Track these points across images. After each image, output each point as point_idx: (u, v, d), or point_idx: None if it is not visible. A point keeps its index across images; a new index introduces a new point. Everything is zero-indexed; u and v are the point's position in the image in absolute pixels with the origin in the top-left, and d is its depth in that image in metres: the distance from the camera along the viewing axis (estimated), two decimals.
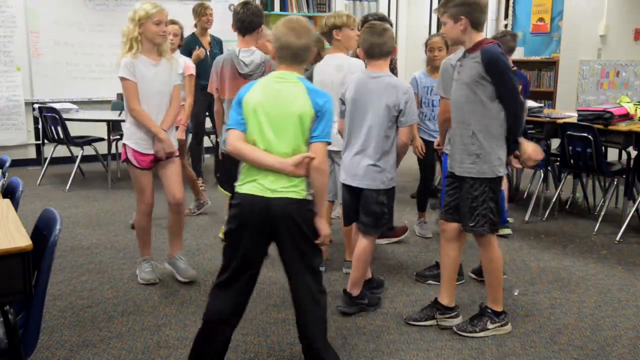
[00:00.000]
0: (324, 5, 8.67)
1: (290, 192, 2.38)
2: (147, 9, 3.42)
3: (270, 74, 2.53)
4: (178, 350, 2.93)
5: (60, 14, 7.21)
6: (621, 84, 7.47)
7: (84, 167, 6.86)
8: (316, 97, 2.39)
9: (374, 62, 3.27)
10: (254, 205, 2.39)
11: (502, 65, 2.88)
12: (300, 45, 2.41)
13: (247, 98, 2.42)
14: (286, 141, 2.39)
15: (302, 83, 2.43)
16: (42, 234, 2.23)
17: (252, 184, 2.40)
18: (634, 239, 4.71)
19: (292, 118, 2.38)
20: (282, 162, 2.36)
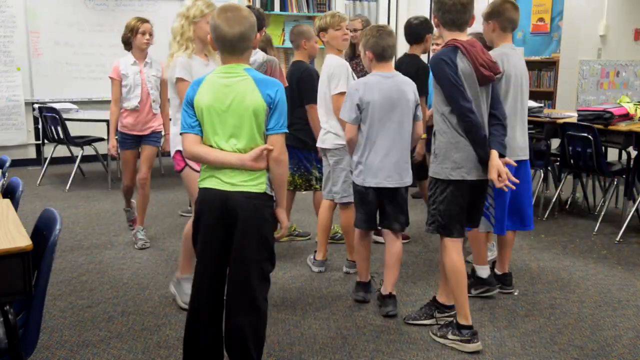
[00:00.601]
0: (323, 5, 8.66)
1: (250, 185, 2.36)
2: (201, 7, 3.22)
3: (216, 68, 2.45)
4: (178, 350, 2.93)
5: (60, 14, 7.21)
6: (621, 84, 7.47)
7: (84, 167, 6.86)
8: (266, 89, 2.34)
9: (384, 64, 3.29)
10: (213, 199, 2.38)
11: (436, 72, 2.85)
12: (234, 34, 2.31)
13: (197, 99, 2.37)
14: (242, 137, 2.36)
15: (249, 75, 2.36)
16: (42, 234, 2.23)
17: (212, 179, 2.39)
18: (634, 239, 4.70)
19: (245, 114, 2.33)
20: (241, 158, 2.34)
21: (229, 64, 2.38)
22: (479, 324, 3.23)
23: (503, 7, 3.40)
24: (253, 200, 2.36)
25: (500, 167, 2.80)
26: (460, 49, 2.82)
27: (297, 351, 2.94)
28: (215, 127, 2.36)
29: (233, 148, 2.36)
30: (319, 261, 3.96)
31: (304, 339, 3.06)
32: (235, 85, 2.34)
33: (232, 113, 2.34)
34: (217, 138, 2.37)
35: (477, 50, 2.85)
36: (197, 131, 2.39)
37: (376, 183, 3.28)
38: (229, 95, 2.34)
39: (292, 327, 3.19)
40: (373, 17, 9.39)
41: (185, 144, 2.42)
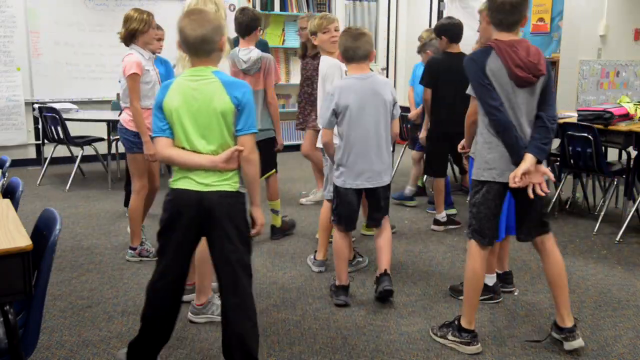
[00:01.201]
0: (323, 5, 8.66)
1: (224, 185, 2.42)
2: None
3: (185, 71, 2.48)
4: (178, 350, 2.93)
5: (60, 14, 7.21)
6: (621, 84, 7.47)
7: (84, 167, 6.86)
8: (234, 91, 2.38)
9: (356, 66, 3.35)
10: (189, 199, 2.42)
11: (467, 72, 2.87)
12: (196, 37, 2.35)
13: (166, 103, 2.40)
14: (213, 139, 2.41)
15: (217, 78, 2.40)
16: (42, 234, 2.23)
17: (185, 180, 2.44)
18: (634, 239, 4.70)
19: (214, 116, 2.38)
20: (213, 160, 2.39)
21: (196, 66, 2.42)
22: (479, 324, 3.22)
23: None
24: (227, 198, 2.42)
25: (526, 171, 2.71)
26: (495, 49, 2.78)
27: (297, 351, 2.94)
28: (186, 129, 2.40)
29: (205, 149, 2.41)
30: (319, 261, 3.96)
31: (304, 339, 3.06)
32: (202, 88, 2.38)
33: (202, 115, 2.38)
34: (188, 140, 2.41)
35: (515, 51, 2.76)
36: (168, 134, 2.43)
37: (356, 185, 3.37)
38: (197, 98, 2.38)
39: (292, 327, 3.19)
40: (373, 17, 9.39)
41: (157, 147, 2.46)
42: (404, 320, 3.28)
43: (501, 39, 2.82)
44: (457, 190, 6.00)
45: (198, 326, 3.17)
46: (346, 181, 3.37)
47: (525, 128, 2.81)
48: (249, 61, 4.20)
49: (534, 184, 2.75)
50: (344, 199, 3.41)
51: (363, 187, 3.39)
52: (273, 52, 8.14)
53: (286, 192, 6.11)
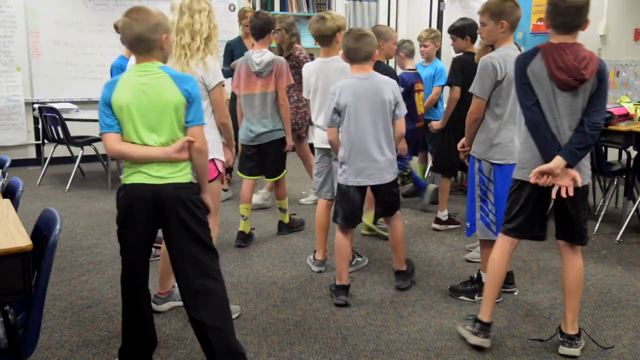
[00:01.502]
0: (323, 5, 8.66)
1: (178, 177, 2.47)
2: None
3: (132, 67, 2.55)
4: (178, 350, 2.93)
5: (60, 14, 7.21)
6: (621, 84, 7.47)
7: (84, 167, 6.86)
8: (184, 84, 2.44)
9: (358, 66, 3.43)
10: (143, 193, 2.45)
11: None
12: (133, 34, 2.41)
13: (114, 99, 2.42)
14: (163, 132, 2.45)
15: (165, 72, 2.45)
16: (42, 234, 2.23)
17: (138, 174, 2.46)
18: (634, 239, 4.70)
19: (166, 109, 2.43)
20: (166, 151, 2.44)
21: (141, 63, 2.47)
22: None
23: (502, 6, 3.33)
24: (183, 190, 2.48)
25: (548, 171, 2.72)
26: (541, 51, 2.79)
27: (297, 351, 2.94)
28: (135, 124, 2.43)
29: (155, 143, 2.45)
30: (318, 261, 3.96)
31: (304, 339, 3.06)
32: (152, 83, 2.43)
33: (152, 109, 2.42)
34: (137, 135, 2.45)
35: (561, 54, 2.74)
36: (116, 130, 2.46)
37: (358, 182, 3.42)
38: (146, 92, 2.42)
39: (292, 327, 3.19)
40: (373, 17, 9.39)
41: (107, 143, 2.47)
42: (404, 320, 3.28)
43: (554, 42, 2.80)
44: (457, 190, 6.00)
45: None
46: (348, 178, 3.43)
47: (565, 131, 2.78)
48: (261, 64, 4.29)
49: (560, 186, 2.73)
50: (346, 196, 3.45)
51: (364, 184, 3.44)
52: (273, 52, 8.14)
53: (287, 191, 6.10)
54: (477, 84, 3.31)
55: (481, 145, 3.39)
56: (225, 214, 5.36)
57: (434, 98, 5.53)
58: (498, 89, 3.28)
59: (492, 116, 3.34)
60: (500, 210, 3.37)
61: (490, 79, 3.26)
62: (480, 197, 3.43)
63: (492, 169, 3.37)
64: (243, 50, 6.26)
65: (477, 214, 3.45)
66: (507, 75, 3.25)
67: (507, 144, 3.34)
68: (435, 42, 5.58)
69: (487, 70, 3.27)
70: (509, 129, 3.33)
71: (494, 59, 3.27)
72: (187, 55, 3.06)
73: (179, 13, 3.08)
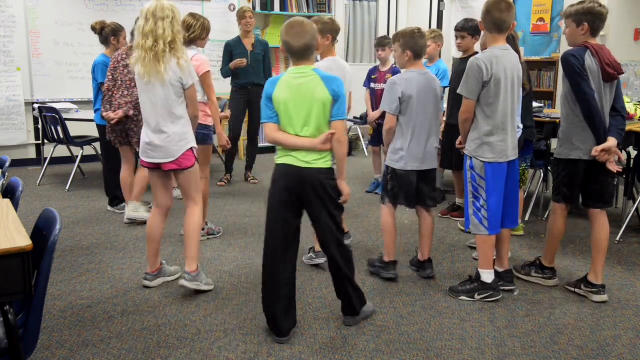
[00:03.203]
0: (324, 5, 8.67)
1: (320, 163, 2.93)
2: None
3: (289, 69, 2.97)
4: (178, 350, 2.93)
5: (60, 14, 7.21)
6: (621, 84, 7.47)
7: (84, 167, 6.86)
8: (332, 85, 2.89)
9: (418, 62, 3.74)
10: (291, 173, 2.95)
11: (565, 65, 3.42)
12: (302, 45, 2.90)
13: (275, 95, 2.92)
14: (313, 125, 2.91)
15: (316, 74, 2.91)
16: (42, 234, 2.23)
17: (289, 157, 2.95)
18: (634, 239, 4.70)
19: (316, 106, 2.88)
20: (312, 142, 2.91)
21: (298, 66, 2.95)
22: (479, 324, 3.23)
23: (489, 6, 3.36)
24: (323, 174, 2.95)
25: (615, 151, 3.36)
26: (590, 50, 3.36)
27: (297, 351, 2.94)
28: (291, 116, 2.92)
29: (305, 133, 2.92)
30: (321, 252, 3.97)
31: (304, 338, 3.06)
32: (306, 85, 2.90)
33: (305, 105, 2.89)
34: (292, 126, 2.93)
35: (604, 52, 3.38)
36: (275, 120, 2.96)
37: (417, 167, 3.71)
38: (301, 91, 2.89)
39: None
40: (373, 17, 9.40)
41: (266, 131, 2.99)
42: (404, 320, 3.28)
43: (591, 42, 3.41)
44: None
45: (198, 326, 3.17)
46: (407, 164, 3.70)
47: (607, 116, 3.42)
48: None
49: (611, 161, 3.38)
50: (405, 180, 3.73)
51: (422, 168, 3.72)
52: (273, 52, 8.16)
53: None
54: (465, 85, 3.41)
55: (472, 143, 3.46)
56: (225, 213, 5.36)
57: None
58: (486, 89, 3.34)
59: (482, 116, 3.40)
60: (492, 207, 3.42)
61: (477, 80, 3.32)
62: (472, 194, 3.49)
63: (484, 167, 3.41)
64: (242, 50, 6.30)
65: (470, 210, 3.51)
66: (494, 76, 3.30)
67: (498, 143, 3.39)
68: (437, 42, 5.58)
69: (474, 71, 3.34)
70: (501, 128, 3.37)
71: (480, 60, 3.33)
72: (150, 58, 3.33)
73: (144, 19, 3.34)
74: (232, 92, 6.41)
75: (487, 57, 3.32)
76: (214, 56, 7.87)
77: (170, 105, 3.42)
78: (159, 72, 3.33)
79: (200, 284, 3.57)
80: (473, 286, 3.54)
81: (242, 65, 6.18)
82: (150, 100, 3.44)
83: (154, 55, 3.32)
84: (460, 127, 3.56)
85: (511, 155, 3.45)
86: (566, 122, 3.48)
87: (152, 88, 3.41)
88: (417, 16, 9.33)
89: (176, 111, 3.44)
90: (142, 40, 3.33)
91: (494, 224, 3.45)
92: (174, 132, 3.44)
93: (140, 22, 3.36)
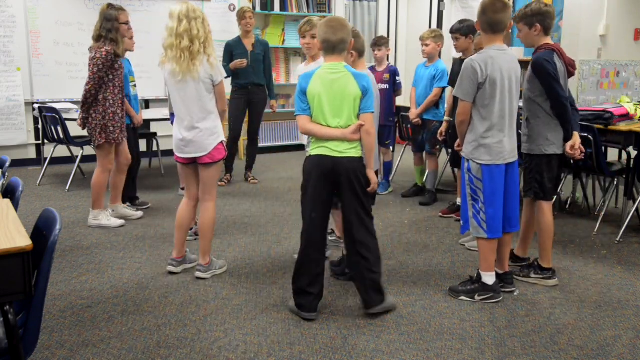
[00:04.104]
0: (324, 5, 8.66)
1: (351, 152, 3.15)
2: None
3: (323, 65, 3.16)
4: (178, 350, 2.93)
5: (60, 14, 7.21)
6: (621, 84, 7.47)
7: (84, 167, 6.86)
8: (362, 81, 3.12)
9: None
10: (325, 162, 3.15)
11: (538, 69, 3.53)
12: (338, 39, 3.11)
13: (309, 89, 3.12)
14: (343, 117, 3.12)
15: (348, 71, 3.13)
16: (42, 234, 2.23)
17: (322, 148, 3.16)
18: (634, 239, 4.71)
19: (347, 100, 3.11)
20: (343, 132, 3.12)
21: (331, 62, 3.14)
22: (479, 324, 3.23)
23: (484, 7, 3.35)
24: (354, 162, 3.15)
25: (580, 146, 3.61)
26: (556, 52, 3.54)
27: (297, 351, 2.94)
28: (324, 109, 3.12)
29: (336, 125, 3.12)
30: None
31: (304, 338, 3.06)
32: (339, 80, 3.11)
33: (337, 99, 3.11)
34: (324, 118, 3.13)
35: (563, 52, 3.59)
36: (308, 113, 3.17)
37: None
38: (334, 87, 3.11)
39: (292, 327, 3.20)
40: (373, 17, 9.40)
41: (300, 123, 3.20)
42: (404, 320, 3.28)
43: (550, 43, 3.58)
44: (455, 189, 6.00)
45: (198, 326, 3.17)
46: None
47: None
48: None
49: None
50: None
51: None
52: (273, 52, 8.16)
53: (286, 191, 6.11)
54: (460, 87, 3.38)
55: (469, 145, 3.44)
56: (225, 213, 5.36)
57: (434, 100, 5.54)
58: (482, 90, 3.32)
59: (479, 118, 3.38)
60: (490, 210, 3.39)
61: (472, 81, 3.31)
62: (471, 196, 3.47)
63: (481, 169, 3.39)
64: (242, 50, 6.30)
65: (470, 212, 3.48)
66: (489, 77, 3.29)
67: (495, 145, 3.36)
68: (437, 42, 5.58)
69: (468, 73, 3.32)
70: (498, 130, 3.35)
71: (475, 61, 3.31)
72: (187, 57, 3.54)
73: (177, 20, 3.55)
74: (232, 92, 6.41)
75: (481, 58, 3.31)
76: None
77: (202, 101, 3.64)
78: (194, 70, 3.56)
79: (216, 270, 3.89)
80: (473, 287, 3.53)
81: (242, 66, 6.18)
82: (183, 98, 3.65)
83: (190, 54, 3.54)
84: (457, 130, 3.55)
85: (509, 157, 3.42)
86: (537, 120, 3.61)
87: (185, 86, 3.61)
88: (417, 16, 9.34)
89: (208, 107, 3.67)
90: (176, 41, 3.54)
91: (494, 227, 3.42)
92: (205, 127, 3.67)
93: (173, 23, 3.56)
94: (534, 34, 3.59)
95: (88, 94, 4.70)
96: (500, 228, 3.44)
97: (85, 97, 4.72)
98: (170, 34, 3.56)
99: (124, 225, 4.94)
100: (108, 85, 4.71)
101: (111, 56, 4.62)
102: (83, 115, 4.83)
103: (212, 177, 3.78)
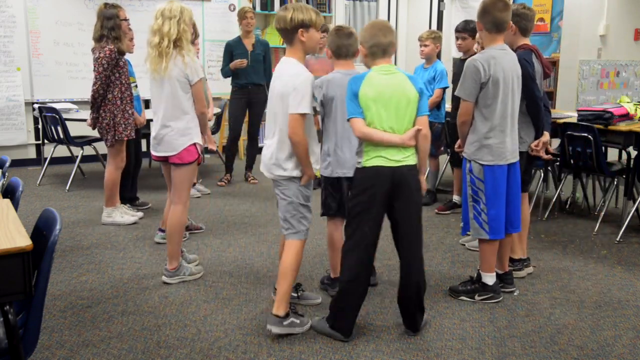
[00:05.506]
0: (324, 5, 8.66)
1: (408, 160, 2.97)
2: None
3: (374, 67, 2.98)
4: (178, 350, 2.93)
5: (60, 14, 7.21)
6: (621, 84, 7.48)
7: (84, 167, 6.86)
8: (416, 82, 2.98)
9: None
10: (385, 174, 2.94)
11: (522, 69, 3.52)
12: (388, 41, 2.97)
13: (362, 92, 2.93)
14: (405, 121, 2.95)
15: (402, 73, 2.99)
16: (42, 234, 2.23)
17: (378, 158, 2.95)
18: (634, 239, 4.71)
19: (409, 102, 2.93)
20: (402, 137, 2.92)
21: (382, 64, 2.98)
22: (479, 324, 3.23)
23: (487, 6, 3.34)
24: (412, 170, 2.99)
25: (546, 142, 3.67)
26: (534, 53, 3.60)
27: (297, 351, 2.94)
28: (380, 113, 2.92)
29: (392, 129, 2.93)
30: None
31: (304, 339, 3.06)
32: (394, 81, 2.95)
33: (393, 102, 2.92)
34: (380, 121, 2.92)
35: (540, 53, 3.66)
36: (362, 116, 2.95)
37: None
38: (389, 89, 2.92)
39: None
40: (373, 17, 9.39)
41: (355, 126, 2.97)
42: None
43: (528, 44, 3.62)
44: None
45: (198, 326, 3.17)
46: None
47: None
48: None
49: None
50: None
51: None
52: (273, 52, 8.15)
53: None
54: (462, 86, 3.36)
55: (471, 146, 3.41)
56: (225, 213, 5.36)
57: (436, 101, 5.52)
58: (484, 90, 3.29)
59: (481, 118, 3.36)
60: (492, 211, 3.38)
61: (474, 81, 3.29)
62: (472, 197, 3.45)
63: (483, 170, 3.38)
64: (242, 50, 6.30)
65: (470, 214, 3.46)
66: (492, 77, 3.27)
67: (498, 146, 3.34)
68: (436, 43, 5.57)
69: (471, 72, 3.30)
70: (500, 130, 3.33)
71: (477, 61, 3.30)
72: (155, 55, 3.54)
73: (154, 18, 3.59)
74: (232, 92, 6.41)
75: (484, 57, 3.29)
76: (214, 56, 7.87)
77: (177, 100, 3.63)
78: (163, 68, 3.54)
79: (184, 277, 3.76)
80: (474, 287, 3.53)
81: (242, 66, 6.18)
82: (159, 95, 3.66)
83: (159, 52, 3.54)
84: (458, 130, 3.51)
85: (511, 158, 3.41)
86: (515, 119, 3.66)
87: (161, 83, 3.62)
88: (417, 16, 9.33)
89: (183, 106, 3.63)
90: (150, 38, 3.58)
91: (496, 228, 3.41)
92: (177, 126, 3.63)
93: (152, 21, 3.59)
94: (511, 34, 3.60)
95: (96, 94, 4.73)
96: (502, 229, 3.43)
97: (93, 98, 4.75)
98: (149, 31, 3.63)
99: (137, 222, 5.00)
100: (115, 83, 4.75)
101: (115, 54, 4.66)
102: (93, 116, 4.85)
103: (182, 179, 3.70)
